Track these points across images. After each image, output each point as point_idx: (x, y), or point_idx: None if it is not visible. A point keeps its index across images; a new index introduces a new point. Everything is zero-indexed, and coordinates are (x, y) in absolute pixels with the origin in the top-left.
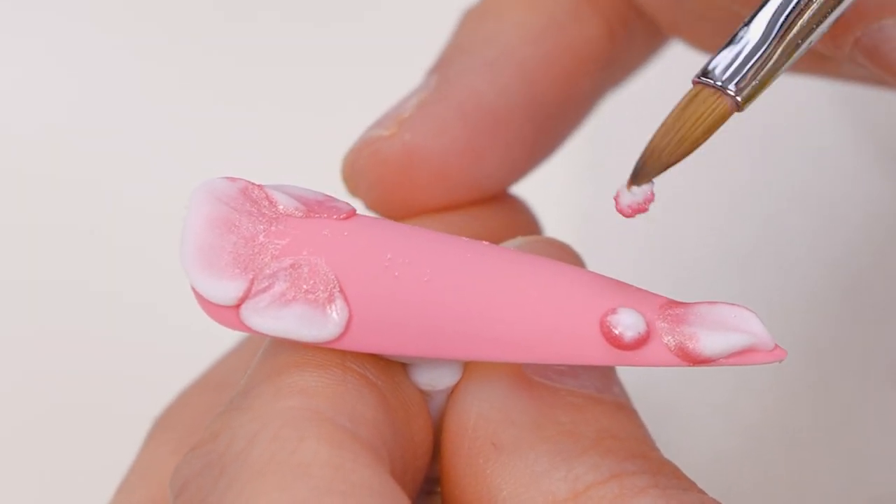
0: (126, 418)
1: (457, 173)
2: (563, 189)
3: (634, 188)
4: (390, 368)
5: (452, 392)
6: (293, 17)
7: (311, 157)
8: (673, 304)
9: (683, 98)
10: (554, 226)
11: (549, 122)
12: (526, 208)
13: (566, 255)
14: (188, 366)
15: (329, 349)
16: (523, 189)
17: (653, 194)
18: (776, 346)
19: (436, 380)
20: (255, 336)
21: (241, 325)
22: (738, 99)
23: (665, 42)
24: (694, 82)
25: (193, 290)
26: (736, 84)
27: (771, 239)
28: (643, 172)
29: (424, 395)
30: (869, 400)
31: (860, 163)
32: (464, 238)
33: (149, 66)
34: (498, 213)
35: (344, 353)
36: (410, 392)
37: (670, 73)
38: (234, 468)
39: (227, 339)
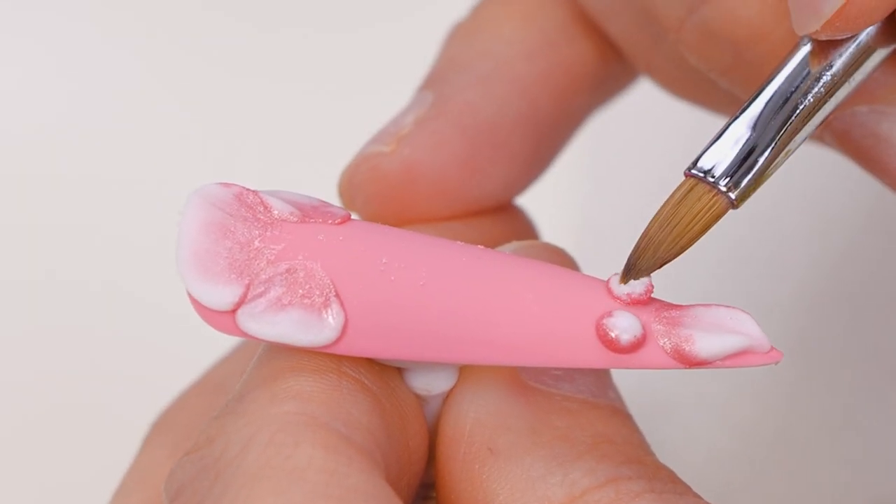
0: (125, 419)
1: (455, 188)
2: (560, 195)
3: (632, 282)
4: (386, 373)
5: (448, 397)
6: (293, 22)
7: (306, 162)
8: (668, 306)
9: (677, 191)
10: (551, 231)
11: (545, 137)
12: (523, 214)
13: (560, 259)
14: (187, 367)
15: (325, 354)
16: (519, 196)
17: (652, 285)
18: (772, 348)
19: (431, 384)
20: (251, 340)
21: (237, 331)
22: (733, 197)
23: None
24: (687, 175)
25: (189, 295)
26: (731, 183)
27: (767, 240)
28: (637, 268)
29: (420, 399)
30: (866, 401)
31: None
32: (459, 242)
33: (148, 67)
34: (495, 220)
35: (340, 358)
36: (406, 397)
37: None
38: (229, 473)
39: (225, 341)
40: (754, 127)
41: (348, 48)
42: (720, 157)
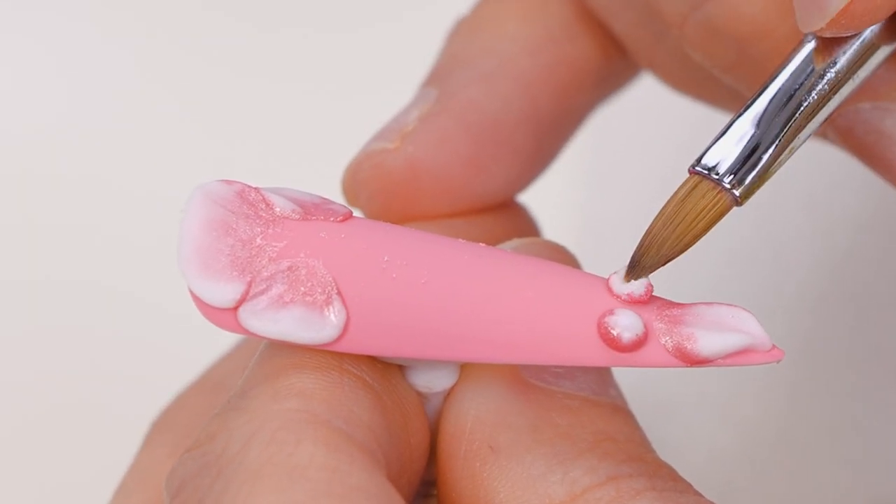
0: (125, 419)
1: (459, 185)
2: (561, 192)
3: (632, 282)
4: (387, 371)
5: (449, 394)
6: (293, 22)
7: (305, 163)
8: (670, 304)
9: (681, 188)
10: (552, 229)
11: (548, 133)
12: (524, 211)
13: (561, 257)
14: (187, 367)
15: (326, 351)
16: (522, 193)
17: (652, 286)
18: (773, 347)
19: (433, 382)
20: (252, 338)
21: (238, 328)
22: (738, 194)
23: None
24: (691, 172)
25: (191, 292)
26: (735, 180)
27: (769, 239)
28: (641, 266)
29: (421, 397)
30: (867, 401)
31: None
32: (461, 240)
33: (148, 67)
34: (497, 217)
35: (341, 356)
36: (407, 394)
37: None
38: (230, 470)
39: (225, 341)
40: (758, 124)
41: (348, 48)
42: (724, 154)
